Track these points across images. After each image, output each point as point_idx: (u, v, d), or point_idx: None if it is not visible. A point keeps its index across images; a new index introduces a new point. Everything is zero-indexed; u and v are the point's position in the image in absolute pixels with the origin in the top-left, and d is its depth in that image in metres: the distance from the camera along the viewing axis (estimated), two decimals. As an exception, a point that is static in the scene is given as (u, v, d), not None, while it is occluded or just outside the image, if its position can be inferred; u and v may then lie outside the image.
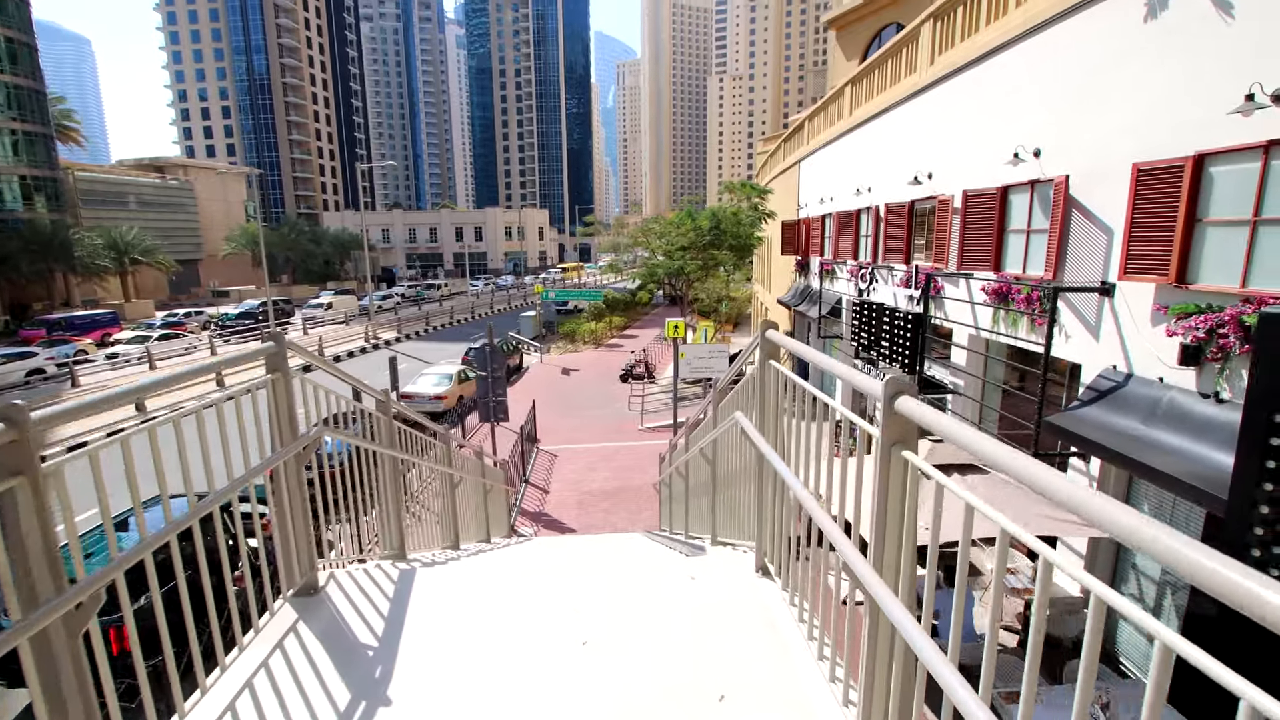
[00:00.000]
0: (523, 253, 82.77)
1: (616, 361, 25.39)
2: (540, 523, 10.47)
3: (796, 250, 18.57)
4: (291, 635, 2.67)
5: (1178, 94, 5.41)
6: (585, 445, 15.17)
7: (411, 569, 3.45)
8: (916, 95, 10.43)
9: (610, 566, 3.72)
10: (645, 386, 18.93)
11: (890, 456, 1.65)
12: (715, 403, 4.29)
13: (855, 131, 13.57)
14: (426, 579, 3.35)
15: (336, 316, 40.78)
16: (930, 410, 1.52)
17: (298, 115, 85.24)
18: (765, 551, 3.08)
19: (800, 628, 2.52)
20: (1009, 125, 7.81)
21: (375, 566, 3.79)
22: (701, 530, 5.29)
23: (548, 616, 2.87)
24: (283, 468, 2.86)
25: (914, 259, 10.60)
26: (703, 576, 3.18)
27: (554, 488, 12.29)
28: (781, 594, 2.82)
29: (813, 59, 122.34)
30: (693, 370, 13.90)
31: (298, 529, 2.96)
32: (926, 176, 9.93)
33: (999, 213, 7.98)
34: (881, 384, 1.63)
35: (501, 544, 7.10)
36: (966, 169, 8.79)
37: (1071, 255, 6.75)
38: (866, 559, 1.70)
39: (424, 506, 5.97)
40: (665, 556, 3.92)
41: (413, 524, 5.76)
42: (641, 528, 10.20)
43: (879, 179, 12.12)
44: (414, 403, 18.20)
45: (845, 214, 13.81)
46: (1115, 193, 6.05)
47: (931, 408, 1.54)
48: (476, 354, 11.42)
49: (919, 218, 10.48)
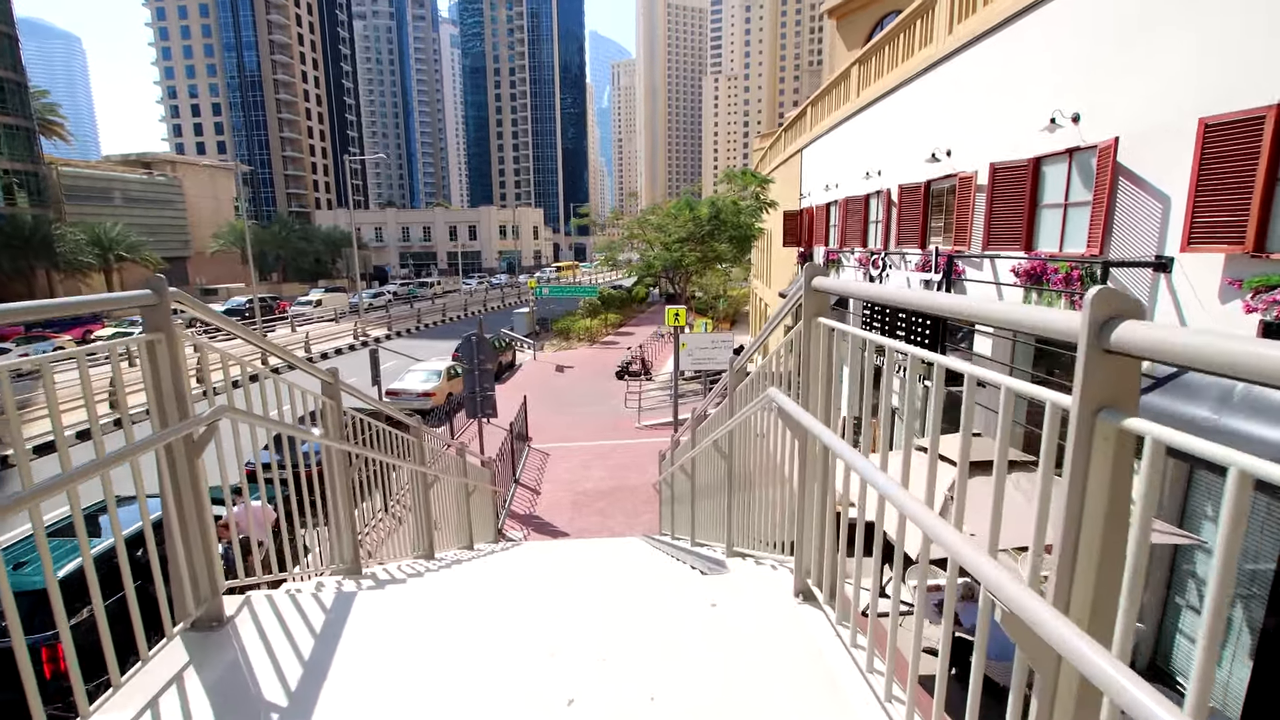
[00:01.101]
0: (517, 252, 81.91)
1: (612, 359, 24.67)
2: (530, 526, 9.74)
3: (799, 241, 17.89)
4: (172, 689, 1.94)
5: (1255, 31, 4.72)
6: (579, 443, 14.45)
7: (352, 592, 2.72)
8: (933, 68, 9.76)
9: (607, 587, 3.00)
10: (642, 383, 18.22)
11: (1099, 429, 0.95)
12: (733, 386, 3.58)
13: (863, 113, 12.90)
14: (372, 604, 2.62)
15: (326, 314, 39.91)
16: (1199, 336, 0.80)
17: (289, 113, 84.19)
18: (808, 569, 2.37)
19: (874, 683, 1.81)
20: (1041, 91, 7.14)
21: (315, 587, 3.06)
22: (712, 538, 4.58)
23: (523, 662, 2.15)
24: (165, 459, 2.14)
25: (931, 242, 9.92)
26: (726, 602, 2.46)
27: (546, 488, 11.56)
28: (837, 630, 2.11)
29: (808, 59, 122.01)
30: (694, 362, 13.11)
31: (190, 540, 2.24)
32: (945, 154, 9.26)
33: (1031, 187, 7.31)
34: (1088, 303, 0.92)
35: (484, 551, 6.37)
36: (992, 142, 8.11)
37: (1118, 228, 6.08)
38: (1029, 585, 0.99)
39: (394, 513, 5.24)
40: (676, 574, 3.21)
41: (381, 531, 5.04)
42: (640, 531, 9.48)
43: (890, 161, 11.44)
44: (401, 400, 17.44)
45: (853, 200, 13.14)
46: (1173, 154, 5.37)
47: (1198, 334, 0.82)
48: (463, 346, 10.69)
49: (936, 198, 9.80)
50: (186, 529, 2.23)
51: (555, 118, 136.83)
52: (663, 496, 8.01)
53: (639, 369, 21.74)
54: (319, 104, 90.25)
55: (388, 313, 39.37)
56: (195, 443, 2.22)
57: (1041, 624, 0.90)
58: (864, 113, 12.85)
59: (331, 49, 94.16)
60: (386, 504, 5.34)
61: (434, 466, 5.49)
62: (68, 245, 40.43)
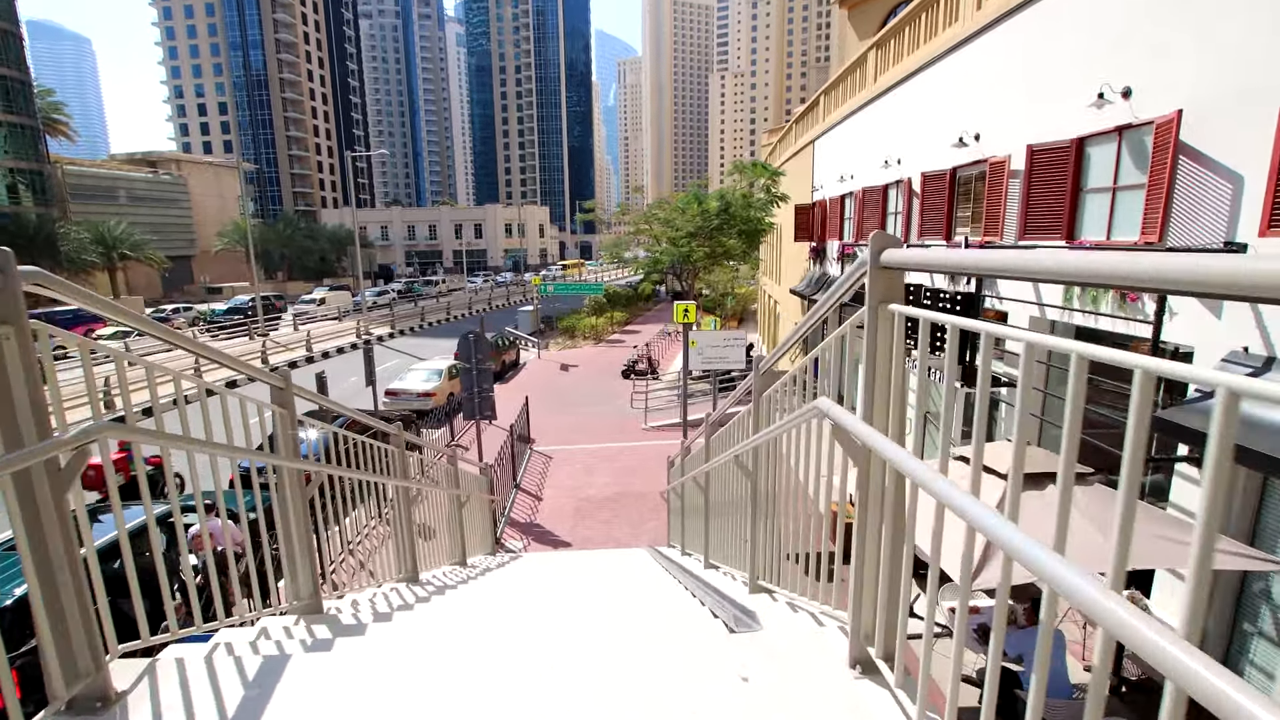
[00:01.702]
0: (523, 250, 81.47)
1: (618, 357, 24.14)
2: (531, 535, 9.21)
3: (811, 236, 17.28)
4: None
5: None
6: (584, 446, 13.91)
7: (294, 650, 2.18)
8: (959, 48, 9.15)
9: (611, 640, 2.46)
10: (649, 383, 17.65)
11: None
12: (759, 390, 3.02)
13: (881, 99, 12.29)
14: (317, 665, 2.09)
15: (330, 313, 39.54)
16: None
17: (295, 112, 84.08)
18: (868, 633, 1.82)
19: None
20: (1086, 65, 6.53)
21: (256, 636, 2.53)
22: (729, 560, 4.03)
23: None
24: (15, 492, 1.60)
25: (957, 233, 9.32)
26: (761, 674, 1.91)
27: (548, 493, 11.03)
28: None
29: (815, 55, 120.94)
30: (705, 361, 12.44)
31: (65, 595, 1.71)
32: (973, 138, 8.65)
33: (1073, 169, 6.71)
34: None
35: (476, 570, 5.84)
36: (1028, 123, 7.50)
37: (1178, 212, 5.47)
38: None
39: (376, 534, 4.72)
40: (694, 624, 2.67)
41: (362, 552, 4.52)
42: (646, 540, 8.94)
43: (912, 148, 10.84)
44: (400, 400, 16.97)
45: (870, 190, 12.53)
46: (1246, 129, 4.77)
47: None
48: (461, 344, 10.17)
49: (963, 186, 9.20)
50: (54, 581, 1.70)
51: (561, 116, 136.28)
52: (671, 506, 7.47)
53: (645, 368, 21.18)
54: (325, 103, 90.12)
55: (391, 311, 38.98)
56: (62, 472, 1.69)
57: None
58: (882, 99, 12.24)
59: (337, 48, 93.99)
60: (369, 521, 4.82)
61: (421, 479, 4.97)
62: (71, 244, 40.26)
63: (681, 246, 21.03)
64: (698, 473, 4.76)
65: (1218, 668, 0.56)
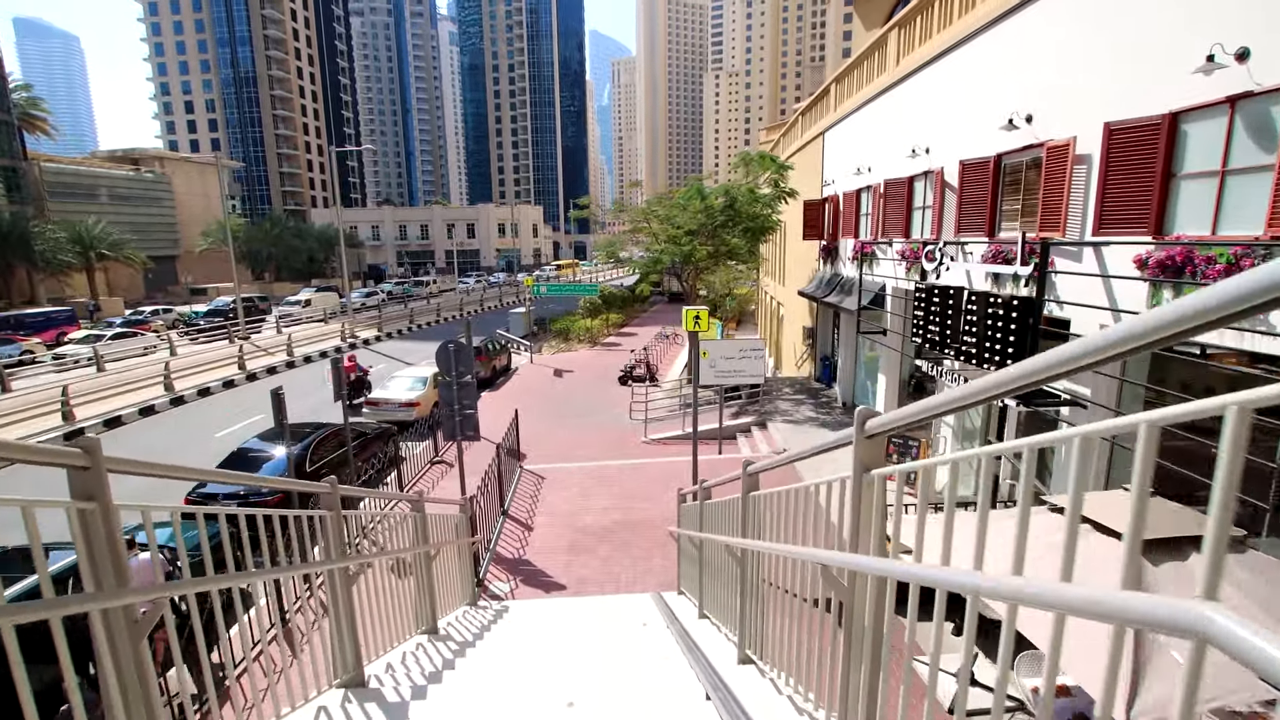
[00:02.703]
0: (516, 250, 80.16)
1: (614, 362, 22.98)
2: (519, 575, 8.05)
3: (821, 234, 16.19)
4: None
5: None
6: (579, 464, 12.76)
7: None
8: (1004, 18, 8.08)
9: None
10: (648, 390, 16.51)
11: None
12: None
13: (904, 84, 11.21)
14: None
15: (315, 314, 38.22)
16: None
17: (284, 109, 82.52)
18: None
19: None
20: (1184, 27, 5.45)
21: None
22: (766, 656, 2.92)
23: None
24: None
25: (1003, 228, 8.24)
26: None
27: (540, 521, 9.88)
28: None
29: (810, 55, 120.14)
30: (718, 375, 11.09)
31: None
32: (1024, 119, 7.57)
33: (1165, 152, 5.62)
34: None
35: (451, 641, 4.69)
36: (1101, 99, 6.42)
37: (1322, 200, 4.40)
38: None
39: (306, 620, 3.59)
40: None
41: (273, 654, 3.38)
42: (652, 581, 7.81)
43: (944, 135, 9.76)
44: (382, 410, 15.78)
45: (893, 183, 11.44)
46: None
47: None
48: (440, 354, 9.00)
49: (1010, 174, 8.11)
50: None
51: (555, 115, 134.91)
52: (682, 548, 6.35)
53: (644, 373, 20.04)
54: (315, 101, 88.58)
55: (379, 313, 37.68)
56: None
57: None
58: (905, 83, 11.16)
59: (328, 46, 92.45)
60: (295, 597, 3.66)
61: (361, 551, 3.83)
62: (46, 243, 38.75)
63: (683, 245, 19.88)
64: (720, 543, 3.65)
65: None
